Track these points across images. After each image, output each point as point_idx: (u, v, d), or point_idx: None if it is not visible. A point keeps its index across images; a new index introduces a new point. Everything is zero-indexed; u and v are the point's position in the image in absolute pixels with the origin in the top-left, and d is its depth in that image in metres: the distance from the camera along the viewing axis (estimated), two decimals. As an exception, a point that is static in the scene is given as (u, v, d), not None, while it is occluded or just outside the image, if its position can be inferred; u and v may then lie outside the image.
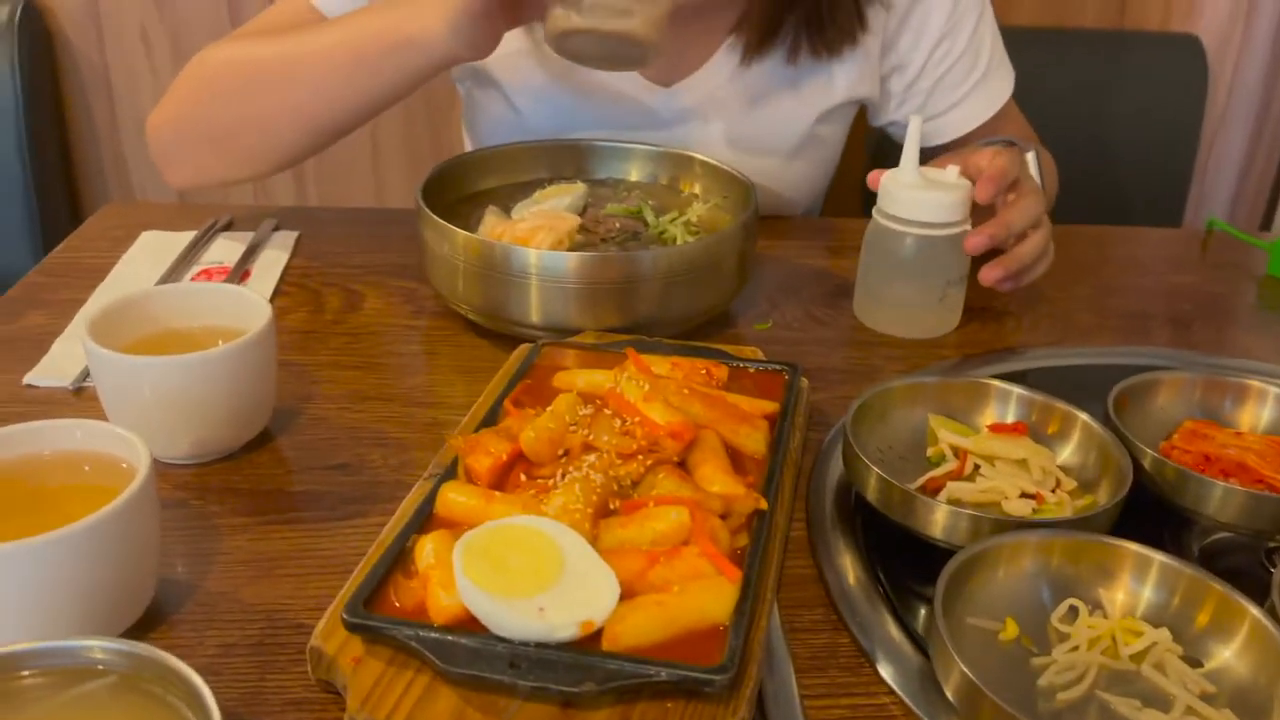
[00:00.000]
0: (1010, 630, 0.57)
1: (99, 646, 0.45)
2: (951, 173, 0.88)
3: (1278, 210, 1.88)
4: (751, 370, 0.75)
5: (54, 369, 0.80)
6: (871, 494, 0.64)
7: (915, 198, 0.87)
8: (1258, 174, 1.91)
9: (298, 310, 0.92)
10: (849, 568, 0.64)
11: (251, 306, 0.72)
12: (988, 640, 0.56)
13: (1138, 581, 0.58)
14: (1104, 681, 0.54)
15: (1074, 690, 0.54)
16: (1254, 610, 0.54)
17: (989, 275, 0.90)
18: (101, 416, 0.66)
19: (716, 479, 0.61)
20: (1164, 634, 0.56)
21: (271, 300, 0.93)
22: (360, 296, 0.94)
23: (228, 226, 1.06)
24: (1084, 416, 0.69)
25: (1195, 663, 0.56)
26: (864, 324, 0.92)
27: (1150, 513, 0.65)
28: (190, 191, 1.58)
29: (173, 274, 0.96)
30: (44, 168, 1.69)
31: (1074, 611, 0.58)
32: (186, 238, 1.02)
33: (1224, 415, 0.74)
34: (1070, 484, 0.67)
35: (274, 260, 0.99)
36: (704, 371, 0.72)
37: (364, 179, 1.88)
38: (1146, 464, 0.66)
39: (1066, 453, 0.69)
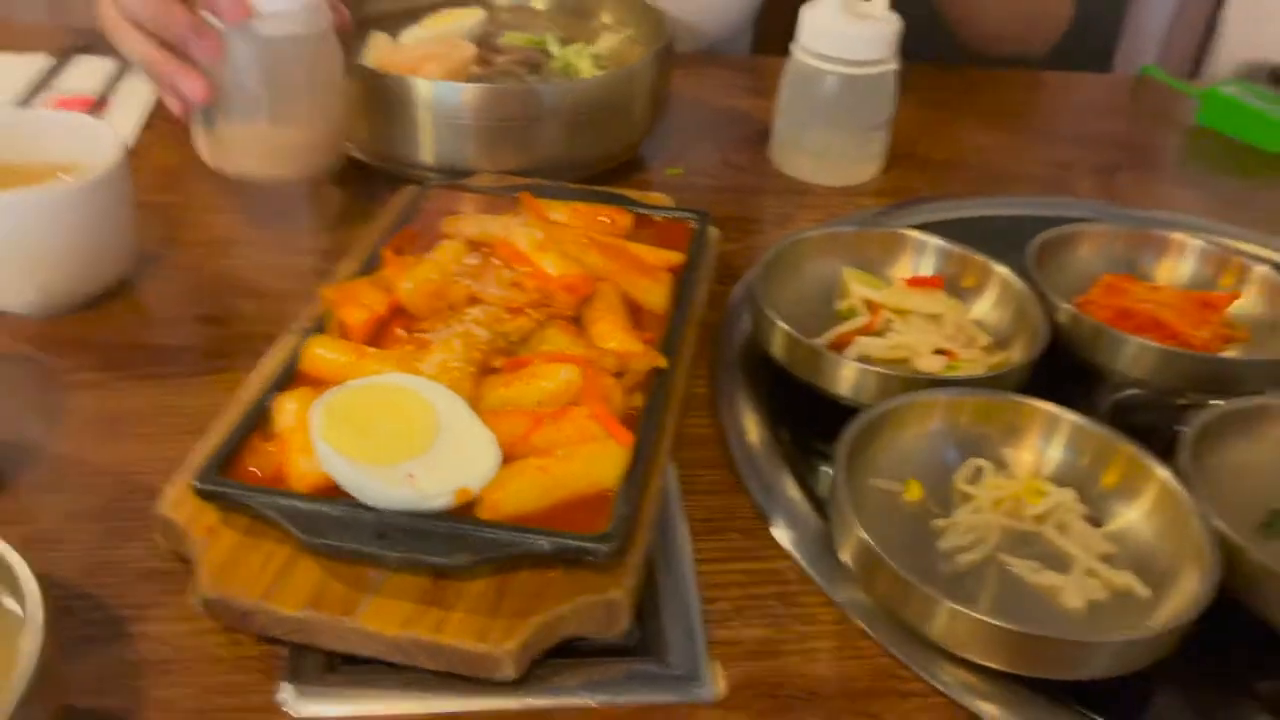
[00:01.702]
0: (913, 491, 0.55)
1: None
2: (879, 5, 0.82)
3: (1206, 58, 1.85)
4: (657, 218, 0.70)
5: (-120, 207, 0.73)
6: (778, 350, 0.61)
7: (839, 32, 0.80)
8: (1189, 20, 1.86)
9: (164, 145, 0.83)
10: (751, 427, 0.61)
11: (100, 138, 0.64)
12: (890, 502, 0.54)
13: (1046, 441, 0.56)
14: (1006, 544, 0.53)
15: (974, 553, 0.52)
16: (1161, 470, 0.53)
17: None
18: (-69, 261, 0.59)
19: (613, 335, 0.57)
20: (1069, 494, 0.55)
21: (139, 135, 0.84)
22: (236, 131, 0.88)
23: (87, 50, 0.95)
24: (1002, 270, 0.66)
25: (1098, 524, 0.54)
26: (782, 171, 0.87)
27: (1066, 372, 0.63)
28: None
29: (25, 104, 0.85)
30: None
31: (979, 472, 0.56)
32: (39, 62, 0.91)
33: (1144, 269, 0.72)
34: (984, 340, 0.64)
35: (140, 89, 0.89)
36: (606, 219, 0.67)
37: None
38: (1062, 319, 0.64)
39: (983, 308, 0.66)
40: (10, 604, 0.39)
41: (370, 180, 0.80)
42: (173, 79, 0.67)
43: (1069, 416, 0.56)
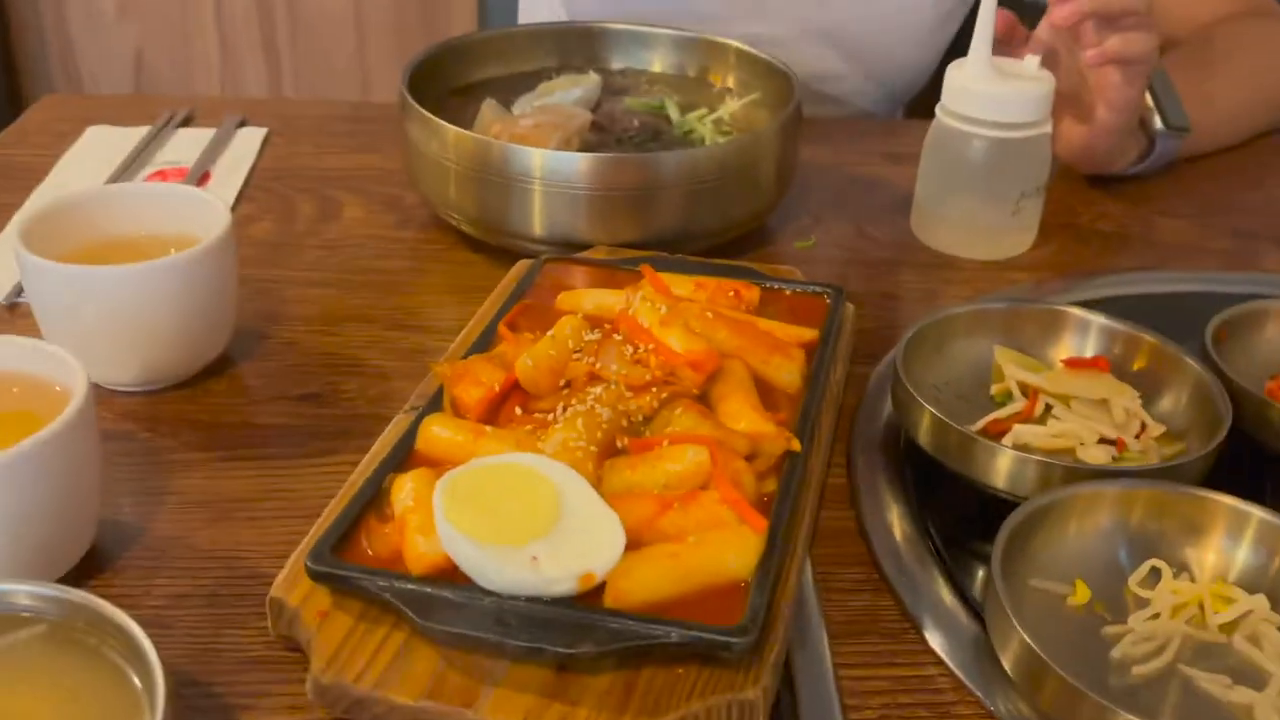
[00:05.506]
0: (1080, 594, 0.56)
1: (25, 591, 0.45)
2: (1031, 64, 0.85)
3: None
4: (788, 293, 0.73)
5: (-16, 281, 0.82)
6: (924, 437, 0.63)
7: (986, 92, 0.84)
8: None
9: (264, 218, 0.91)
10: (895, 521, 0.63)
11: (209, 211, 0.71)
12: (1054, 605, 0.56)
13: (1232, 541, 0.57)
14: (1188, 654, 0.53)
15: (1153, 663, 0.53)
16: (1369, 576, 0.54)
17: (1060, 12, 0.83)
18: (38, 336, 0.65)
19: (743, 415, 0.60)
20: (1260, 601, 0.55)
21: (235, 206, 0.92)
22: (337, 204, 0.92)
23: (186, 121, 1.05)
24: (1176, 350, 0.67)
25: (1297, 635, 0.55)
26: (923, 242, 0.90)
27: (1251, 463, 0.64)
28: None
29: (122, 175, 0.95)
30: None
31: (1156, 574, 0.57)
32: (139, 133, 1.01)
33: (1343, 352, 0.73)
34: (1158, 429, 0.65)
35: (239, 160, 0.98)
36: (732, 293, 0.71)
37: (347, 68, 1.84)
38: (1248, 405, 0.64)
39: (1154, 393, 0.67)
40: (135, 681, 0.44)
41: (479, 254, 0.85)
42: None
43: (1258, 513, 0.57)
